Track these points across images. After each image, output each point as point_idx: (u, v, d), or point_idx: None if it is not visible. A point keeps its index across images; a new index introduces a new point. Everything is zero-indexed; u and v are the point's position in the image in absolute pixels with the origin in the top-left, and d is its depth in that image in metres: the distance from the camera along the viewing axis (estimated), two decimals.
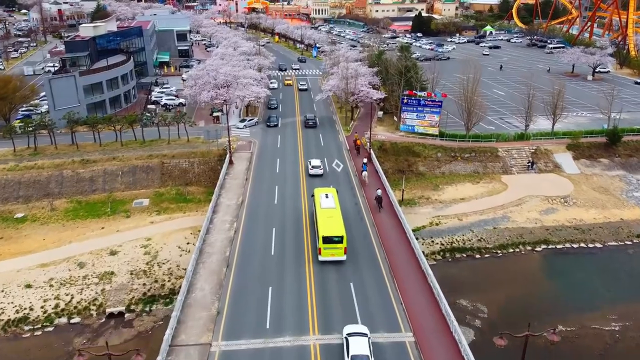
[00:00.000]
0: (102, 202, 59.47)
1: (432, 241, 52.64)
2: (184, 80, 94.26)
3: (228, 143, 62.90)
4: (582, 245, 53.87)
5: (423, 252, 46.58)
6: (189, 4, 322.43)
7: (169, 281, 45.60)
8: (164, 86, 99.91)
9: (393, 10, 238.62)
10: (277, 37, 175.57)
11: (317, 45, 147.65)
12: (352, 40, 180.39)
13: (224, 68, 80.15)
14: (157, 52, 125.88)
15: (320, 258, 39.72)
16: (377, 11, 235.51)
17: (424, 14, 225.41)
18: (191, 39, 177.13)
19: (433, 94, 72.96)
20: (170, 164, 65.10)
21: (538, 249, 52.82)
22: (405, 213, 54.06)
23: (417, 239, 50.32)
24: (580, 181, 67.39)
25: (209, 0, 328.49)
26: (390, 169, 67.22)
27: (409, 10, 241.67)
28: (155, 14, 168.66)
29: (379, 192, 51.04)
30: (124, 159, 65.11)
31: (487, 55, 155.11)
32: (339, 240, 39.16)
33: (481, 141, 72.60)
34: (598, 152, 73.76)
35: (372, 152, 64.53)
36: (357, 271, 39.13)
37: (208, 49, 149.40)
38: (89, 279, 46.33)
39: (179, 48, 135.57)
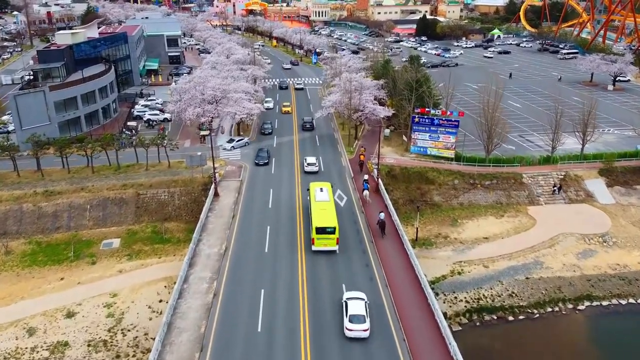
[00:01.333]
0: (65, 243, 50.82)
1: (455, 297, 43.99)
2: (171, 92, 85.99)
3: (213, 172, 54.33)
4: (632, 301, 45.24)
5: (445, 315, 38.13)
6: (186, 6, 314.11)
7: (133, 357, 36.97)
8: (149, 98, 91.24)
9: (396, 13, 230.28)
10: (275, 42, 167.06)
11: (317, 50, 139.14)
12: (353, 44, 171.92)
13: (213, 81, 71.52)
14: (145, 59, 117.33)
15: (314, 248, 41.57)
16: (379, 13, 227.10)
17: (427, 16, 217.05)
18: (184, 42, 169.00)
19: (448, 112, 64.40)
20: (147, 196, 56.49)
21: (581, 307, 44.12)
22: (420, 257, 45.70)
23: (436, 294, 41.95)
24: (617, 214, 58.76)
25: (207, 1, 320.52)
26: (400, 198, 58.71)
27: (412, 12, 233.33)
28: (147, 17, 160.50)
29: (382, 215, 45.64)
30: (94, 190, 56.46)
31: (490, 58, 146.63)
32: (332, 231, 40.97)
33: (503, 165, 64.07)
34: (633, 177, 65.07)
35: (380, 181, 55.88)
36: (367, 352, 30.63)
37: (201, 54, 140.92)
38: (37, 351, 37.74)
39: (169, 54, 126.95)
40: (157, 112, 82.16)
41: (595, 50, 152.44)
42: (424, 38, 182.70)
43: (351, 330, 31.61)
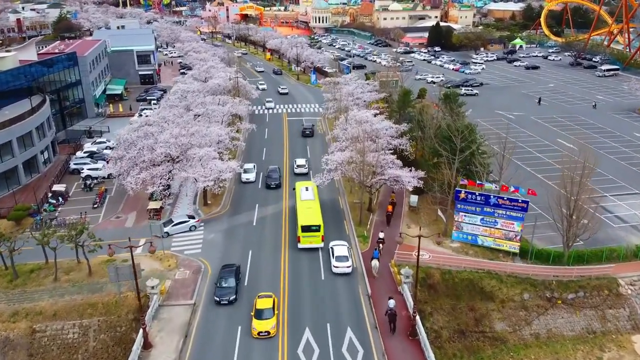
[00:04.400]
0: None
1: None
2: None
3: (138, 300, 33.41)
4: None
5: None
6: (177, 10, 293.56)
7: None
8: (98, 141, 70.21)
9: (403, 18, 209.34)
10: (268, 54, 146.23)
11: (318, 65, 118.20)
12: (358, 56, 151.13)
13: (169, 131, 50.52)
14: (108, 81, 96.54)
15: (300, 245, 43.05)
16: (385, 19, 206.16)
17: (439, 21, 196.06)
18: (166, 54, 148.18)
19: (511, 188, 43.53)
20: (46, 334, 35.69)
21: None
22: None
23: None
24: None
25: (199, 5, 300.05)
26: (444, 328, 38.00)
27: (421, 18, 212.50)
28: (123, 26, 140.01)
29: (392, 303, 34.94)
30: None
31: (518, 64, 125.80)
32: (317, 229, 42.68)
33: (589, 264, 43.32)
34: None
35: (418, 320, 34.69)
36: None
37: (182, 70, 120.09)
38: None
39: (140, 73, 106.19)
40: (103, 162, 61.03)
41: (637, 65, 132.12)
42: (437, 48, 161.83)
43: (337, 267, 40.02)
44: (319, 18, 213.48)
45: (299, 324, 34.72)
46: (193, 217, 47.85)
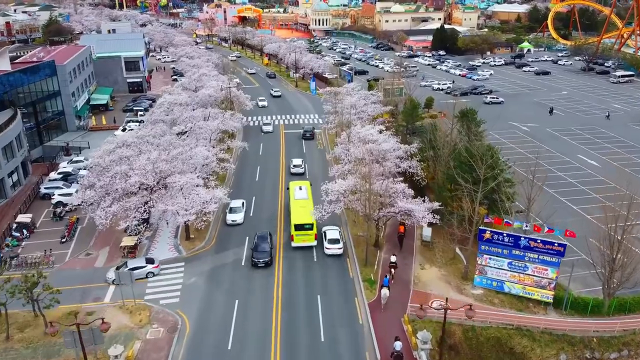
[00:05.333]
0: None
1: None
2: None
3: None
4: None
5: None
6: (174, 11, 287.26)
7: None
8: (75, 159, 63.75)
9: (406, 20, 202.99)
10: (266, 59, 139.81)
11: (319, 71, 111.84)
12: (360, 60, 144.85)
13: (142, 159, 44.06)
14: (92, 90, 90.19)
15: (293, 244, 43.10)
16: (387, 21, 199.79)
17: (442, 23, 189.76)
18: (159, 59, 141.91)
19: (545, 228, 37.14)
20: None
21: None
22: None
23: None
24: None
25: (197, 7, 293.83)
26: None
27: (424, 20, 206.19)
28: (114, 30, 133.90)
29: (398, 345, 30.80)
30: None
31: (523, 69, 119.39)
32: (310, 227, 42.64)
33: (632, 313, 36.98)
34: None
35: None
36: None
37: (174, 76, 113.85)
38: None
39: (128, 81, 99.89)
40: (77, 185, 54.46)
41: None
42: (442, 52, 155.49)
43: (329, 249, 42.32)
44: (319, 20, 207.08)
45: None
46: (152, 262, 40.88)
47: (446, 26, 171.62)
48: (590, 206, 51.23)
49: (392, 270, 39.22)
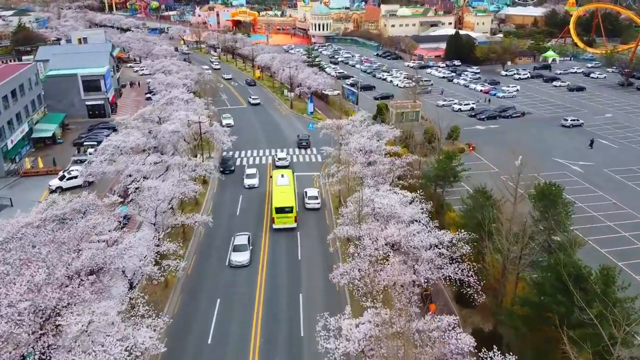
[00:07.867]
0: None
1: None
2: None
3: None
4: None
5: None
6: (165, 14, 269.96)
7: None
8: None
9: (414, 25, 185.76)
10: (258, 72, 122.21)
11: (320, 88, 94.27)
12: (365, 72, 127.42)
13: (20, 283, 26.52)
14: (39, 118, 72.74)
15: (274, 226, 45.75)
16: (393, 26, 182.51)
17: (452, 28, 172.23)
18: (137, 71, 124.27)
19: None
20: None
21: None
22: None
23: None
24: None
25: (190, 10, 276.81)
26: None
27: (434, 24, 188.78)
28: (85, 38, 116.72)
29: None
30: None
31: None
32: (290, 210, 45.48)
33: None
34: None
35: None
36: None
37: (148, 94, 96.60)
38: None
39: (87, 103, 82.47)
40: None
41: None
42: (457, 63, 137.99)
43: (309, 204, 50.02)
44: (319, 25, 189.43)
45: None
46: None
47: (463, 33, 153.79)
48: None
49: None
